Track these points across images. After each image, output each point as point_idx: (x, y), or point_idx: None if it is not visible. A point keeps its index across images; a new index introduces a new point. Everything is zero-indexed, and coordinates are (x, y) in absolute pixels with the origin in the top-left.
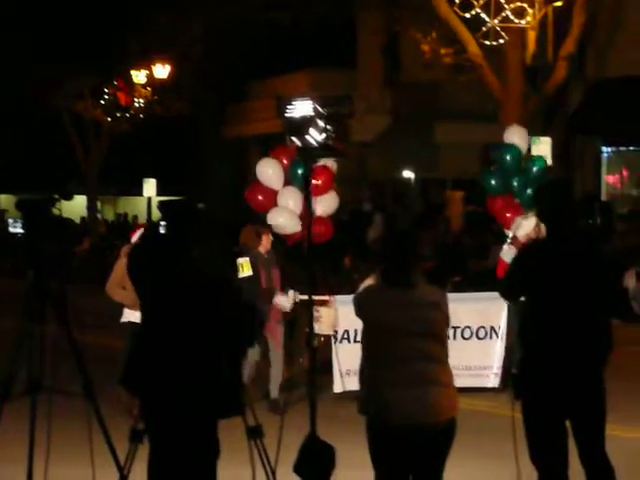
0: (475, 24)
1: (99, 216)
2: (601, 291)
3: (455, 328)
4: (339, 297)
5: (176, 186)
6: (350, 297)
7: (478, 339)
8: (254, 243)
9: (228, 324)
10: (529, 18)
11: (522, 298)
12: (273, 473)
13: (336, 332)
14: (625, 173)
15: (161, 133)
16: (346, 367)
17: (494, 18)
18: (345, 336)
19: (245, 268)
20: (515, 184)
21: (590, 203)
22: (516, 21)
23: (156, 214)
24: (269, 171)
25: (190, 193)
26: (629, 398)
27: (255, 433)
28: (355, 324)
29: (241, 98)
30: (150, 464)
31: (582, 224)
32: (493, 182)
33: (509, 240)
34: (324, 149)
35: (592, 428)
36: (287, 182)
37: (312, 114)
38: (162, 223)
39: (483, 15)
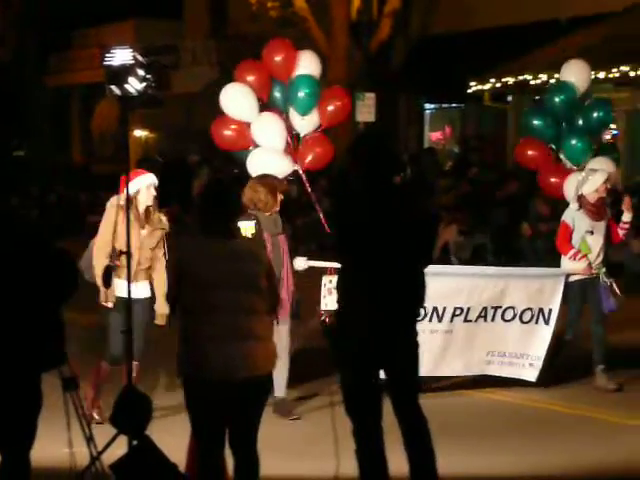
0: None
1: None
2: (415, 245)
3: (496, 308)
4: None
5: None
6: None
7: (522, 322)
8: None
9: (46, 272)
10: None
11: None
12: (89, 425)
13: None
14: (448, 130)
15: None
16: None
17: None
18: None
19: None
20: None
21: (403, 157)
22: None
23: None
24: (233, 102)
25: (6, 140)
26: None
27: (71, 385)
28: None
29: (65, 47)
30: None
31: (398, 178)
32: (536, 122)
33: (574, 199)
34: (143, 98)
35: (405, 380)
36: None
37: (132, 62)
38: None
39: None
